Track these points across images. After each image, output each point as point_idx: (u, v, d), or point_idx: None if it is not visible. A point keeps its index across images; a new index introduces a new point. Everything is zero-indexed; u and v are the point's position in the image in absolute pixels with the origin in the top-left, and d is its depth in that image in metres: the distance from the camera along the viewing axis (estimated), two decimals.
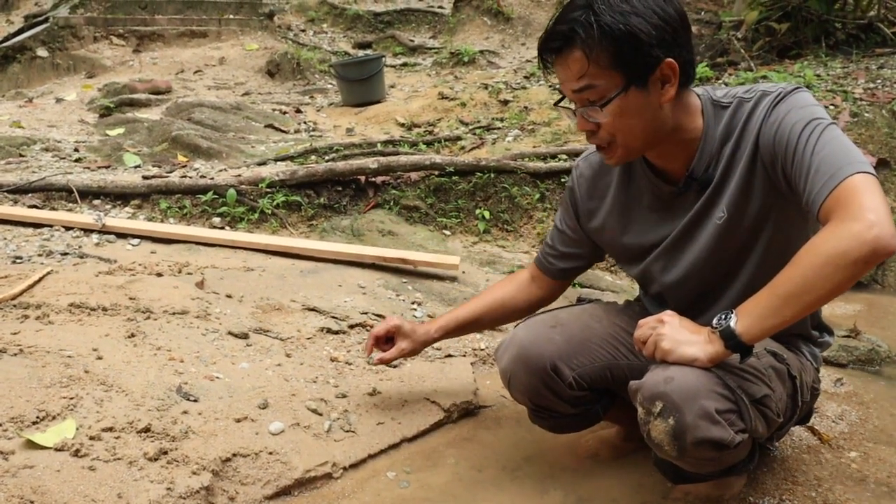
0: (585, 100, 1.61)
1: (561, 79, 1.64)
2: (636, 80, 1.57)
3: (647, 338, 1.61)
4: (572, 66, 1.58)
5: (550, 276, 2.09)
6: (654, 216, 1.82)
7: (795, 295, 1.42)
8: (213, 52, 8.74)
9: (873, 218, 1.35)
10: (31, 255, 3.17)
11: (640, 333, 1.63)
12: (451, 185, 4.32)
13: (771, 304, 1.46)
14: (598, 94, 1.59)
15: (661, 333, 1.58)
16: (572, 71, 1.59)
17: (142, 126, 5.69)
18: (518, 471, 2.07)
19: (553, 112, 5.54)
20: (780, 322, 1.46)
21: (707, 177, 1.70)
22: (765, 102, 1.61)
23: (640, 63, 1.55)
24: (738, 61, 6.68)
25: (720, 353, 1.53)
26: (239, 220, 3.90)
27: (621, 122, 1.60)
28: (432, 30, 11.00)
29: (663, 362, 1.57)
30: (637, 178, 1.83)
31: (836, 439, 2.20)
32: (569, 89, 1.63)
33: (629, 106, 1.59)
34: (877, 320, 3.47)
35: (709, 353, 1.53)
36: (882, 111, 4.77)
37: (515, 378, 1.87)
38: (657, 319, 1.61)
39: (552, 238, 2.07)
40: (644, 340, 1.62)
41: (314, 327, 2.71)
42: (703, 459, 1.58)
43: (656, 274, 1.86)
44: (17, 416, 1.87)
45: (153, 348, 2.36)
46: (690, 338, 1.57)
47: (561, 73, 1.63)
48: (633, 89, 1.57)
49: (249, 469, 1.89)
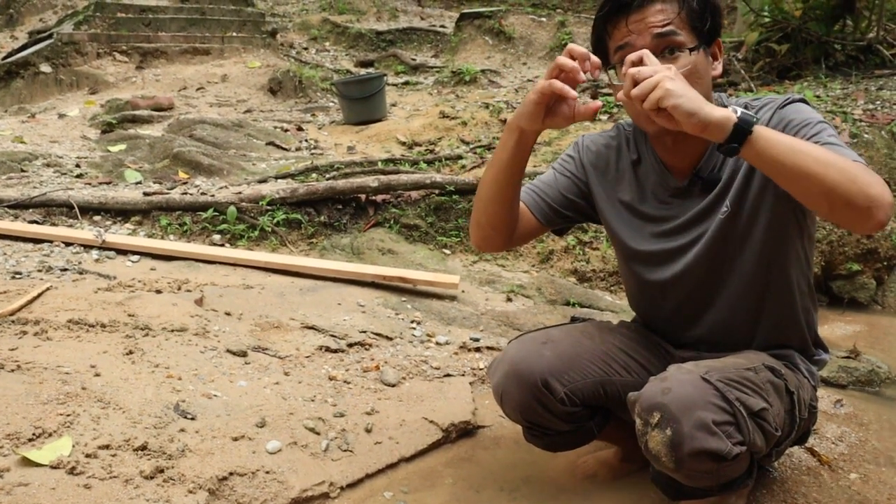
0: (665, 46, 1.64)
1: (637, 27, 1.65)
2: (706, 43, 1.69)
3: (646, 76, 1.48)
4: (659, 14, 1.65)
5: (536, 214, 1.97)
6: (657, 199, 1.86)
7: (808, 155, 1.44)
8: (215, 69, 8.78)
9: (889, 198, 1.43)
10: (30, 270, 3.17)
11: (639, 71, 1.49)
12: (451, 203, 4.33)
13: (789, 142, 1.47)
14: (678, 43, 1.65)
15: (669, 76, 1.46)
16: (658, 18, 1.65)
17: (143, 142, 5.71)
18: (516, 492, 2.06)
19: (553, 131, 5.56)
20: (778, 157, 1.45)
21: (713, 177, 1.76)
22: (770, 105, 1.70)
23: (712, 30, 1.68)
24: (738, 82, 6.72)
25: (724, 119, 1.44)
26: (239, 238, 3.91)
27: (691, 78, 1.59)
28: (434, 49, 11.06)
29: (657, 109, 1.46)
30: (646, 164, 1.87)
31: (836, 461, 2.19)
32: (649, 35, 1.64)
33: (699, 64, 1.67)
34: (876, 341, 3.47)
35: (712, 115, 1.44)
36: (881, 132, 4.78)
37: (507, 394, 1.86)
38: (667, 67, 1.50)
39: (553, 181, 1.98)
40: (640, 79, 1.48)
41: (313, 345, 2.71)
42: (701, 472, 1.57)
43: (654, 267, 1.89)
44: (13, 433, 1.86)
45: (151, 365, 2.35)
46: (698, 96, 1.47)
47: (639, 21, 1.65)
48: (703, 51, 1.68)
49: (246, 488, 1.88)
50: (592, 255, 4.10)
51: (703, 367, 1.64)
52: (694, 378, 1.56)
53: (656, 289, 1.92)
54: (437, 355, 2.79)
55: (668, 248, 1.85)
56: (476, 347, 2.90)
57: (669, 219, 1.84)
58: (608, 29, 1.71)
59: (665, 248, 1.85)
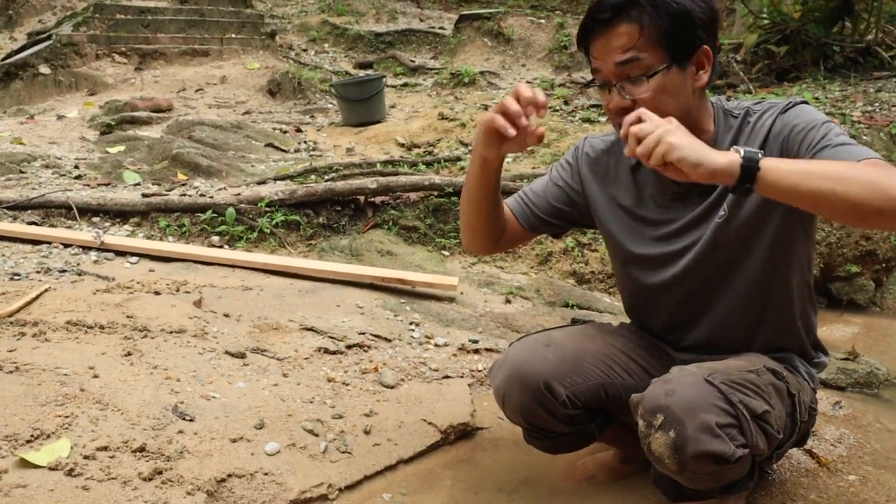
0: (627, 74, 1.63)
1: (601, 53, 1.66)
2: (679, 60, 1.62)
3: (647, 133, 1.47)
4: (620, 39, 1.61)
5: (521, 221, 2.01)
6: (655, 203, 1.85)
7: (825, 177, 1.40)
8: (214, 70, 8.78)
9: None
10: (29, 271, 3.17)
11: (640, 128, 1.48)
12: (450, 205, 4.33)
13: (799, 168, 1.43)
14: (641, 68, 1.62)
15: (669, 130, 1.46)
16: (619, 43, 1.62)
17: (142, 144, 5.71)
18: (515, 493, 2.06)
19: (553, 133, 5.56)
20: (796, 186, 1.41)
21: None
22: (772, 110, 1.69)
23: (686, 43, 1.61)
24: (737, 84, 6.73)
25: (729, 165, 1.43)
26: (238, 239, 3.90)
27: (659, 98, 1.62)
28: (433, 50, 11.06)
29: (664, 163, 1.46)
30: (644, 168, 1.86)
31: (835, 463, 2.19)
32: (611, 62, 1.64)
33: (669, 84, 1.63)
34: (875, 343, 3.47)
35: (717, 162, 1.43)
36: (880, 134, 4.79)
37: (509, 397, 1.86)
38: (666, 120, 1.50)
39: (542, 189, 2.01)
40: (642, 137, 1.48)
41: (311, 347, 2.71)
42: (703, 474, 1.58)
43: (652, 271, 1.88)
44: (12, 435, 1.86)
45: (150, 367, 2.35)
46: (701, 145, 1.46)
47: (603, 46, 1.65)
48: (675, 68, 1.62)
49: (244, 490, 1.87)
50: (591, 257, 4.10)
51: (706, 369, 1.64)
52: (698, 380, 1.56)
53: (653, 293, 1.92)
54: (435, 357, 2.79)
55: (666, 251, 1.85)
56: (475, 349, 2.90)
57: (668, 222, 1.84)
58: (586, 49, 1.72)
59: (663, 252, 1.85)
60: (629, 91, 1.64)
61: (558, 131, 5.72)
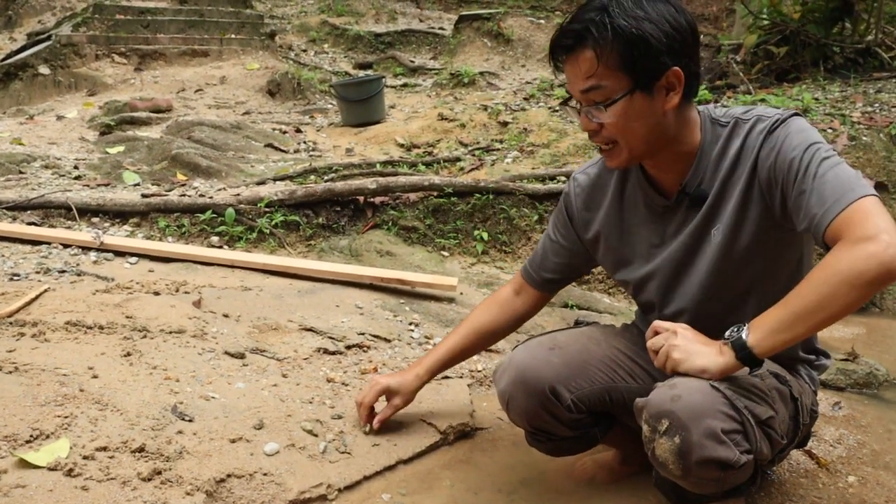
0: (591, 100, 1.64)
1: (569, 77, 1.67)
2: (642, 85, 1.60)
3: (659, 347, 1.61)
4: (582, 66, 1.61)
5: (536, 288, 2.11)
6: (647, 228, 1.84)
7: (809, 311, 1.43)
8: (214, 71, 8.78)
9: (888, 239, 1.37)
10: (28, 272, 3.16)
11: (653, 343, 1.63)
12: (449, 206, 4.33)
13: (784, 319, 1.47)
14: (603, 94, 1.62)
15: (673, 344, 1.58)
16: (581, 70, 1.62)
17: (142, 144, 5.71)
18: (514, 494, 2.06)
19: (552, 134, 5.57)
20: (792, 337, 1.47)
21: (700, 193, 1.72)
22: (760, 127, 1.64)
23: (648, 68, 1.58)
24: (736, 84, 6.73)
25: (731, 364, 1.54)
26: (237, 240, 3.90)
27: (624, 124, 1.63)
28: (433, 51, 11.06)
29: (674, 374, 1.59)
30: (632, 189, 1.86)
31: (834, 463, 2.19)
32: (576, 88, 1.66)
33: (633, 109, 1.62)
34: (875, 343, 3.47)
35: (719, 365, 1.54)
36: (880, 135, 4.79)
37: (514, 401, 1.86)
38: (671, 330, 1.61)
39: (544, 249, 2.08)
40: (656, 350, 1.62)
41: (311, 348, 2.71)
42: (707, 479, 1.57)
43: (654, 297, 1.86)
44: (11, 435, 1.86)
45: (149, 367, 2.35)
46: (702, 349, 1.57)
47: (570, 72, 1.66)
48: (639, 93, 1.61)
49: (244, 490, 1.87)
50: None
51: None
52: (703, 385, 1.55)
53: (651, 308, 1.92)
54: None
55: (665, 278, 1.83)
56: None
57: (659, 237, 1.82)
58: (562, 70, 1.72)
59: (657, 268, 1.84)
60: (595, 115, 1.65)
61: (558, 132, 5.72)
